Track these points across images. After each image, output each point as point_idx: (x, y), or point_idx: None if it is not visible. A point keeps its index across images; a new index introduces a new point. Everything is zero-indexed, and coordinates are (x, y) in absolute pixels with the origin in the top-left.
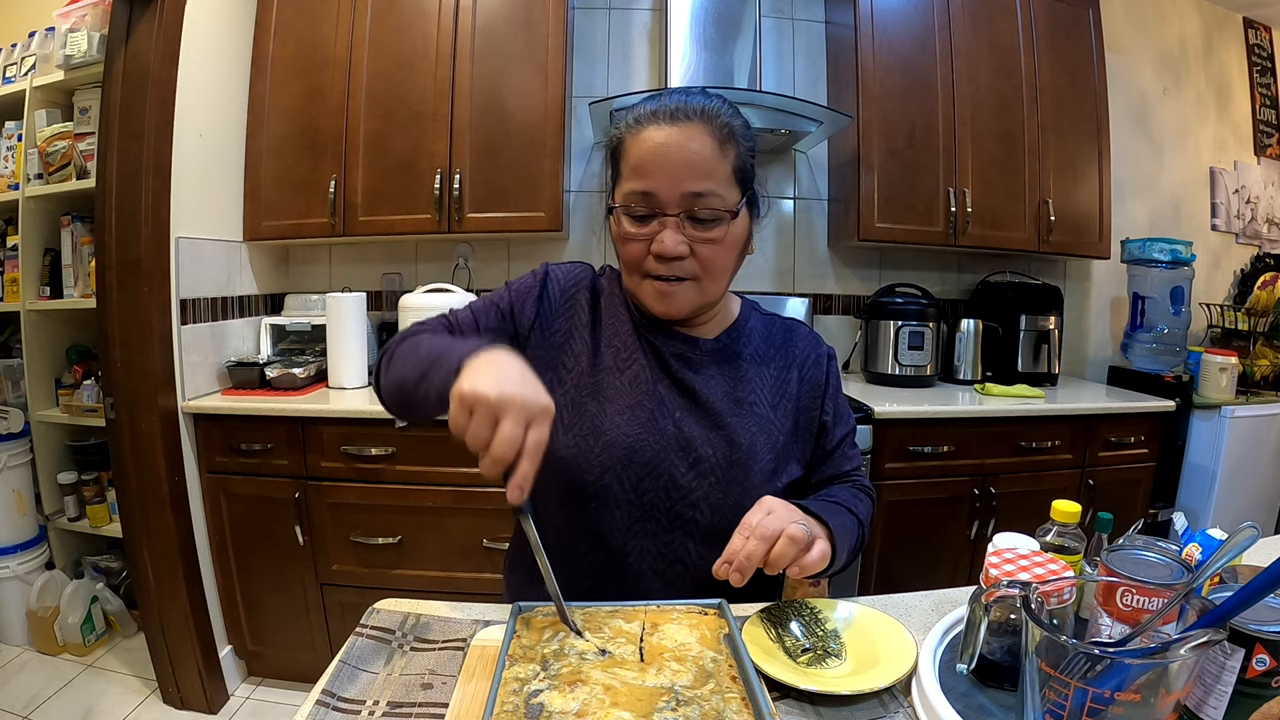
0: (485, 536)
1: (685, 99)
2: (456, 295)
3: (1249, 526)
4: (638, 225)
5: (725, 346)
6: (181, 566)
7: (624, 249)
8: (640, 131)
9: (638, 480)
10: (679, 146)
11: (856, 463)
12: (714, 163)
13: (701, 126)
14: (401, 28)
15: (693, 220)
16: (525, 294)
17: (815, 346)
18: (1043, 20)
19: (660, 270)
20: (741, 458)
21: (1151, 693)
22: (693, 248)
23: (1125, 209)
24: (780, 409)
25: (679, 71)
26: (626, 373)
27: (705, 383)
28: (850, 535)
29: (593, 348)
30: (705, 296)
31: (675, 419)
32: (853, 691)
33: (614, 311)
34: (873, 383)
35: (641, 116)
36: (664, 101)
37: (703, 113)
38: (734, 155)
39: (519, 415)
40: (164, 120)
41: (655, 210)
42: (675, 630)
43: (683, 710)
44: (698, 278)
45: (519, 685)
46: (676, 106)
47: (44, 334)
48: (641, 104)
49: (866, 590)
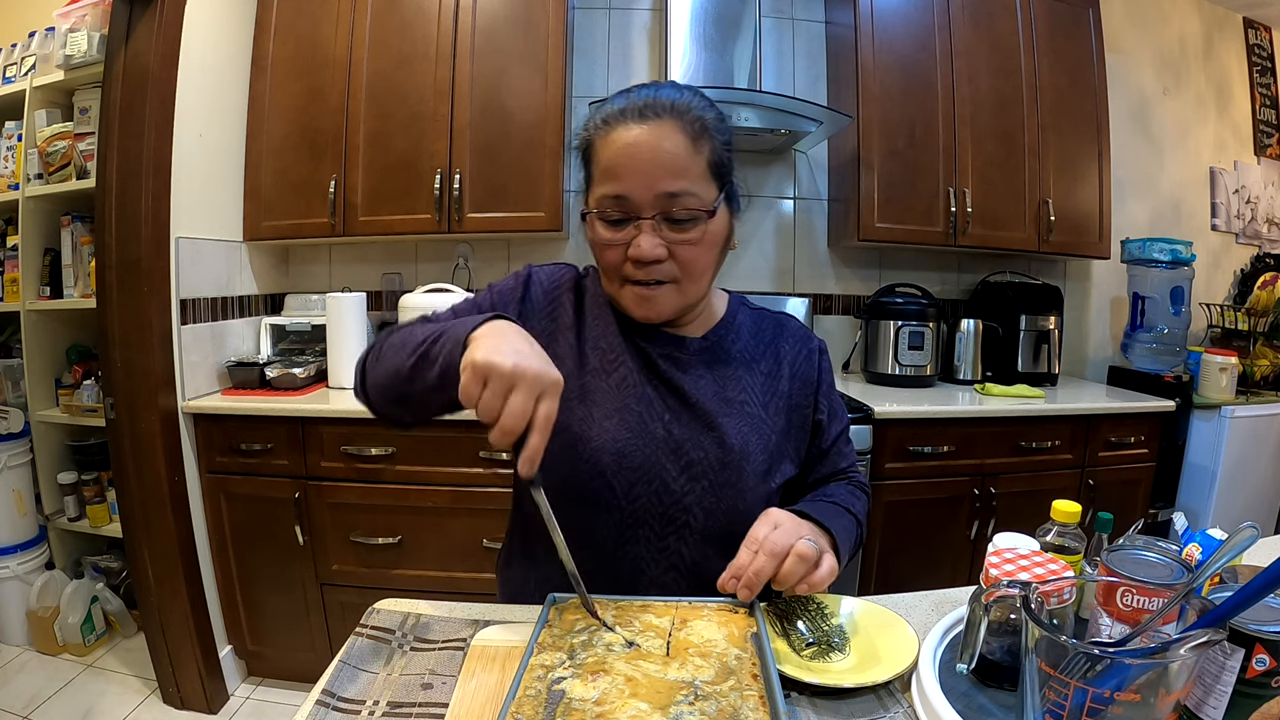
0: (485, 536)
1: (654, 94)
2: (456, 295)
3: (1249, 526)
4: (613, 230)
5: (713, 345)
6: (181, 566)
7: (601, 255)
8: (609, 132)
9: (629, 485)
10: (650, 146)
11: (852, 459)
12: (688, 160)
13: (672, 123)
14: (401, 27)
15: (669, 221)
16: (507, 295)
17: (806, 341)
18: (1043, 20)
19: (639, 275)
20: (734, 459)
21: (1151, 693)
22: (671, 250)
23: (1125, 209)
24: (772, 407)
25: (679, 71)
26: (613, 375)
27: (694, 383)
28: (850, 536)
29: (578, 350)
30: (687, 298)
31: (665, 421)
32: (854, 684)
33: (599, 313)
34: (873, 383)
35: (609, 116)
36: (632, 98)
37: (673, 108)
38: (708, 150)
39: (530, 388)
40: (164, 120)
41: (630, 214)
42: (703, 626)
43: (700, 705)
44: (678, 280)
45: (544, 672)
46: (645, 103)
47: (44, 334)
48: (609, 102)
49: (866, 590)
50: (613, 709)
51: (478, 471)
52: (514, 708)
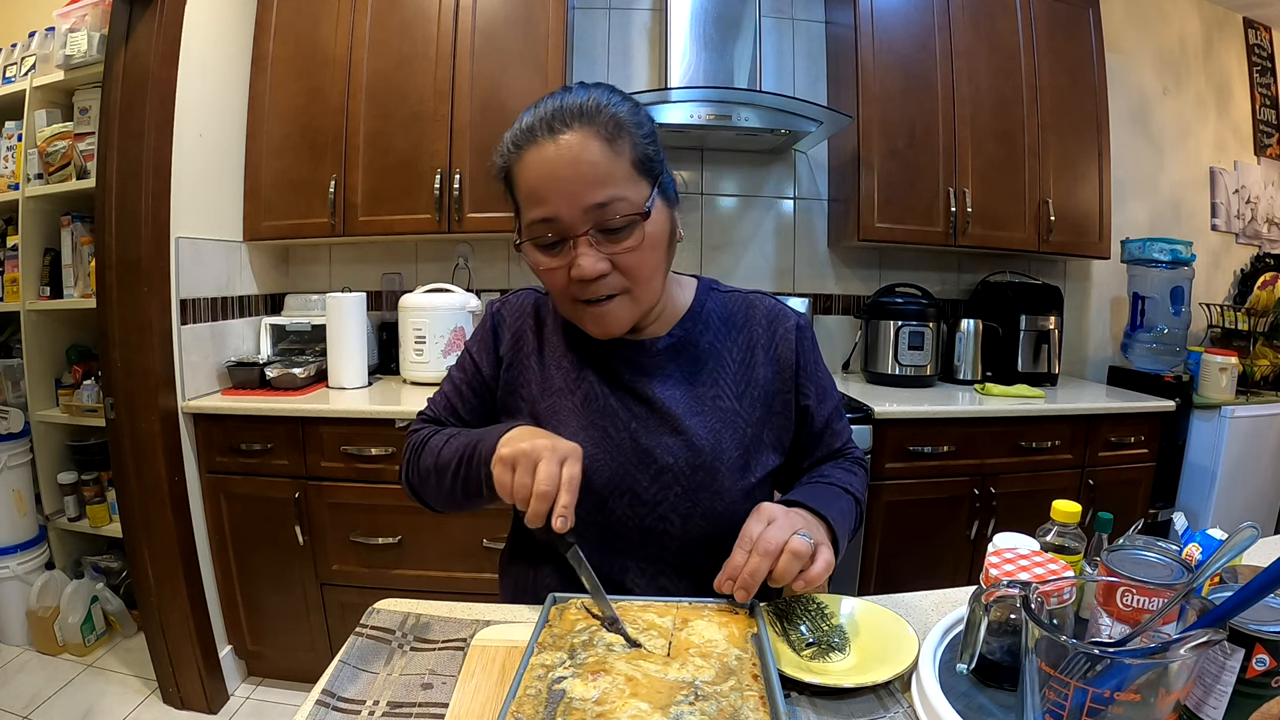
0: (485, 536)
1: (560, 100)
2: (456, 295)
3: (1249, 526)
4: (550, 255)
5: (679, 340)
6: (181, 566)
7: (546, 280)
8: (523, 154)
9: (602, 502)
10: (567, 160)
11: (846, 436)
12: (609, 165)
13: (584, 129)
14: (401, 27)
15: (604, 233)
16: (482, 346)
17: (781, 320)
18: (1043, 20)
19: (586, 294)
20: (705, 461)
21: (1151, 693)
22: (613, 261)
23: (1125, 209)
24: (746, 398)
25: (679, 71)
26: (576, 394)
27: (660, 386)
28: (848, 519)
29: (540, 374)
30: (641, 305)
31: (631, 430)
32: (854, 684)
33: (559, 333)
34: (873, 383)
35: (518, 138)
36: (539, 111)
37: (581, 112)
38: (629, 148)
39: (552, 457)
40: (164, 120)
41: (563, 234)
42: (704, 627)
43: (700, 705)
44: (628, 289)
45: (544, 671)
46: (553, 113)
47: (44, 334)
48: (517, 122)
49: (866, 590)
50: (613, 709)
51: None
52: (514, 707)
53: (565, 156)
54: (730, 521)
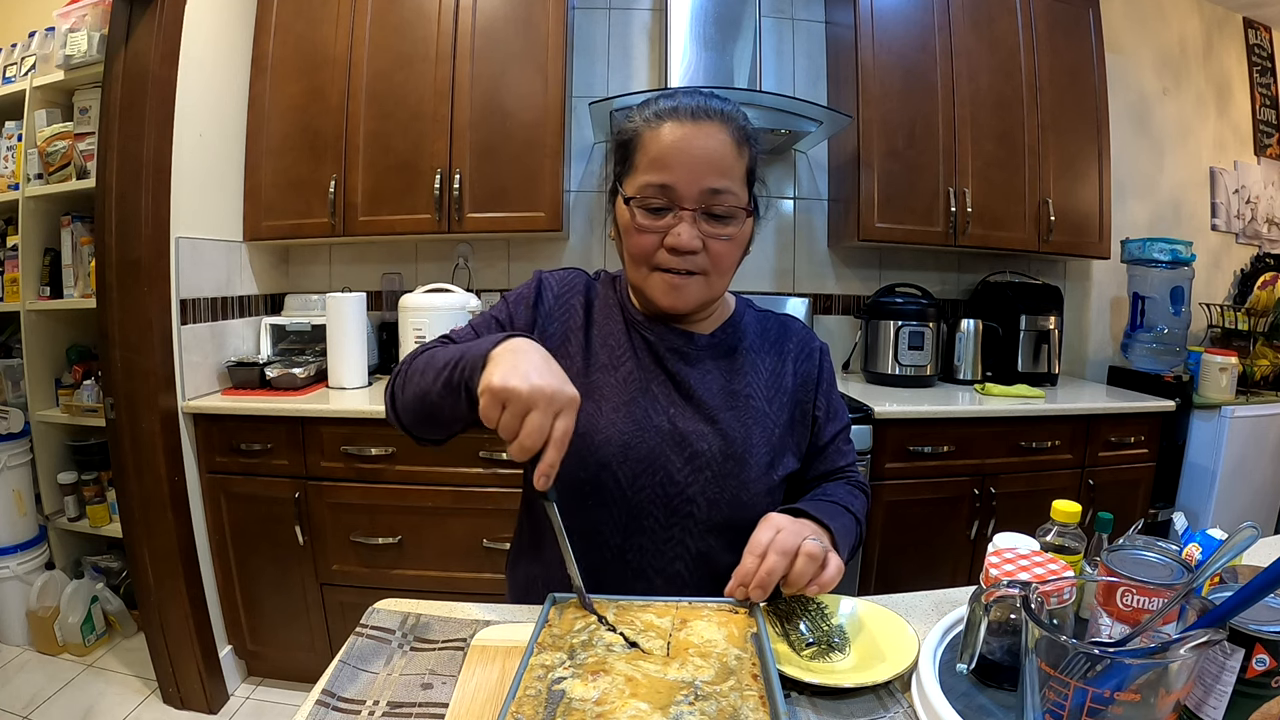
0: (485, 536)
1: (705, 100)
2: (456, 295)
3: (1249, 526)
4: (652, 218)
5: (721, 341)
6: (181, 567)
7: (634, 240)
8: (660, 126)
9: (633, 477)
10: (701, 143)
11: (851, 459)
12: (732, 161)
13: (721, 126)
14: (401, 27)
15: (708, 216)
16: (521, 302)
17: (809, 341)
18: (1043, 20)
19: (673, 263)
20: (737, 451)
21: (1151, 693)
22: (705, 243)
23: (1125, 209)
24: (776, 402)
25: (679, 71)
26: (619, 370)
27: (700, 377)
28: (849, 535)
29: (586, 348)
30: (712, 292)
31: (669, 415)
32: (854, 684)
33: (608, 312)
34: (873, 383)
35: (662, 112)
36: (682, 100)
37: (722, 114)
38: (748, 157)
39: (546, 407)
40: (164, 120)
41: (672, 204)
42: (704, 627)
43: (700, 705)
44: (707, 273)
45: (544, 672)
46: (698, 106)
47: (44, 334)
48: (658, 100)
49: (866, 590)
50: (613, 709)
51: (478, 471)
52: (514, 707)
53: (700, 139)
54: (752, 512)
